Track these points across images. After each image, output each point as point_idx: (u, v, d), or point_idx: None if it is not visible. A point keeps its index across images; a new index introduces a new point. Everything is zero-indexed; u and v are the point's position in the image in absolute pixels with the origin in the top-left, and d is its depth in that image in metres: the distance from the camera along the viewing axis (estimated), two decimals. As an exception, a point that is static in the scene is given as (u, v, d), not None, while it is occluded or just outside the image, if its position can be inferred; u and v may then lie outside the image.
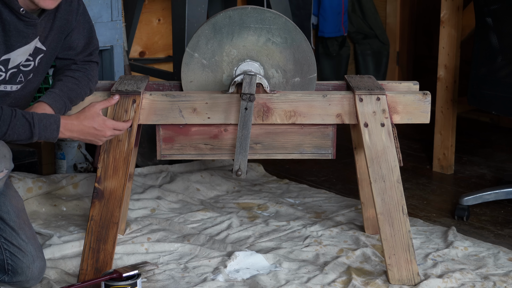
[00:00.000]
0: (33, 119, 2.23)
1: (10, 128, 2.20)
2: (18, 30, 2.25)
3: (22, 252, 2.44)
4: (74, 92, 2.46)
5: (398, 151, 2.55)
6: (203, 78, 2.67)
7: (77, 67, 2.53)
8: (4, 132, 2.20)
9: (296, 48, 2.64)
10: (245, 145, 2.52)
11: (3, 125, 2.19)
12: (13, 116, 2.20)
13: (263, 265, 2.70)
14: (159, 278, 2.61)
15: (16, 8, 2.22)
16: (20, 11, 2.23)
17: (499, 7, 3.09)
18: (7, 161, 2.27)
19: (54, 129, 2.28)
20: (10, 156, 2.29)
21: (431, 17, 5.04)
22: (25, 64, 2.35)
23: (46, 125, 2.26)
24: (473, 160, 4.02)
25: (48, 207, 3.19)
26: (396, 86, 2.77)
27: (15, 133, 2.22)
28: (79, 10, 2.48)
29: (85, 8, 2.51)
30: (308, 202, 3.36)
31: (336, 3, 4.80)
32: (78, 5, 2.47)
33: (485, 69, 3.21)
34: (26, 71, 2.38)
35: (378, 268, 2.69)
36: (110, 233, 2.53)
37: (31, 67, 2.38)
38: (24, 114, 2.23)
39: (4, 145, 2.27)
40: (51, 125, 2.27)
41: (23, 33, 2.27)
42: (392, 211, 2.54)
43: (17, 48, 2.29)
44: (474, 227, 3.13)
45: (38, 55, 2.39)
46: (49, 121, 2.27)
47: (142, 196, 3.31)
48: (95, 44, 2.57)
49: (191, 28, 3.53)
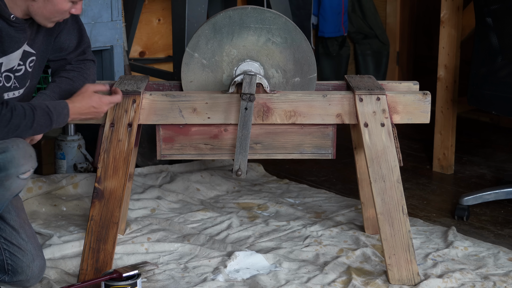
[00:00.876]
0: (49, 108, 2.30)
1: (35, 122, 2.27)
2: (10, 36, 2.28)
3: (22, 251, 2.44)
4: (67, 93, 2.46)
5: (398, 151, 2.55)
6: (203, 78, 2.67)
7: (72, 67, 2.53)
8: (30, 126, 2.27)
9: (296, 48, 2.64)
10: (245, 145, 2.52)
11: (29, 121, 2.25)
12: (34, 110, 2.26)
13: (263, 265, 2.70)
14: (159, 278, 2.61)
15: (7, 15, 2.26)
16: (11, 18, 2.26)
17: (499, 7, 3.09)
18: (33, 161, 2.31)
19: (66, 114, 2.36)
20: (35, 155, 2.33)
21: (431, 17, 5.04)
22: (17, 69, 2.37)
23: (59, 112, 2.33)
24: (473, 160, 4.02)
25: (48, 207, 3.19)
26: (396, 86, 2.77)
27: (39, 126, 2.29)
28: None
29: None
30: (308, 202, 3.36)
31: (336, 3, 4.80)
32: None
33: (485, 69, 3.20)
34: (20, 76, 2.39)
35: (378, 268, 2.69)
36: (110, 233, 2.53)
37: (23, 71, 2.39)
38: (41, 106, 2.29)
39: (28, 145, 2.31)
40: (63, 110, 2.35)
41: (14, 38, 2.30)
42: (392, 211, 2.54)
43: (9, 54, 2.31)
44: (474, 227, 3.13)
45: (28, 59, 2.39)
46: (60, 106, 2.34)
47: (142, 196, 3.31)
48: (86, 42, 2.57)
49: (191, 28, 3.53)
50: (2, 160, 2.22)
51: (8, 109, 2.21)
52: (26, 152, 2.27)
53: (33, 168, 2.31)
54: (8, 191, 2.27)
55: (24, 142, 2.29)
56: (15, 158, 2.23)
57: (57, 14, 2.31)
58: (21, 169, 2.25)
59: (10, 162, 2.22)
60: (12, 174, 2.24)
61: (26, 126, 2.26)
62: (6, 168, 2.23)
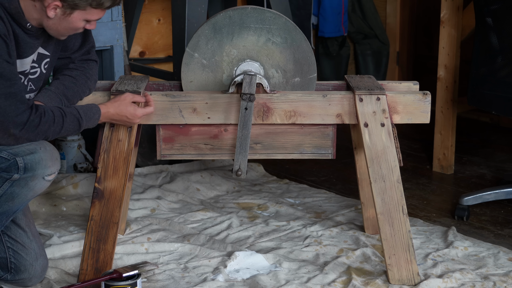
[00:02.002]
0: (79, 113, 2.36)
1: (64, 128, 2.33)
2: (26, 42, 2.34)
3: (26, 249, 2.46)
4: (70, 90, 2.47)
5: (398, 151, 2.55)
6: (203, 78, 2.67)
7: (75, 66, 2.54)
8: (59, 131, 2.32)
9: (296, 48, 2.64)
10: (245, 145, 2.52)
11: (57, 127, 2.31)
12: (64, 116, 2.32)
13: (263, 265, 2.70)
14: (159, 278, 2.61)
15: (24, 24, 2.30)
16: (27, 26, 2.31)
17: (499, 7, 3.09)
18: (58, 163, 2.37)
19: (96, 119, 2.42)
20: (59, 158, 2.40)
21: (431, 17, 5.04)
22: (32, 72, 2.40)
23: (90, 117, 2.40)
24: (473, 160, 4.02)
25: (48, 207, 3.19)
26: (396, 86, 2.77)
27: (67, 130, 2.35)
28: None
29: None
30: (308, 202, 3.36)
31: (336, 3, 4.80)
32: None
33: (485, 69, 3.21)
34: (35, 78, 2.43)
35: (378, 268, 2.69)
36: (110, 233, 2.53)
37: (39, 73, 2.43)
38: (71, 111, 2.35)
39: (53, 148, 2.37)
40: (94, 115, 2.41)
41: (29, 44, 2.35)
42: (392, 211, 2.54)
43: (24, 58, 2.36)
44: (474, 227, 3.13)
45: (43, 61, 2.43)
46: (92, 111, 2.41)
47: (142, 196, 3.31)
48: (91, 42, 2.60)
49: (191, 28, 3.53)
50: (30, 161, 2.27)
51: (37, 115, 2.26)
52: (53, 155, 2.34)
53: (58, 171, 2.37)
54: (31, 191, 2.32)
55: (51, 145, 2.35)
56: (43, 160, 2.29)
57: (71, 31, 2.36)
58: (48, 171, 2.31)
59: (38, 163, 2.28)
60: (38, 175, 2.29)
61: (54, 132, 2.32)
62: (33, 169, 2.28)
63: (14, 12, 2.27)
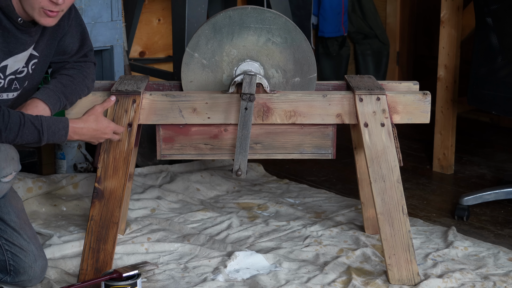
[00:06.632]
0: (42, 126, 2.26)
1: (18, 136, 2.23)
2: (16, 37, 2.30)
3: (24, 251, 2.45)
4: (68, 88, 2.46)
5: (398, 151, 2.55)
6: (203, 78, 2.67)
7: (71, 66, 2.54)
8: (13, 139, 2.23)
9: (296, 48, 2.64)
10: (245, 145, 2.52)
11: (10, 133, 2.22)
12: (21, 124, 2.22)
13: (263, 265, 2.70)
14: (159, 278, 2.61)
15: (15, 18, 2.27)
16: (18, 21, 2.28)
17: (499, 7, 3.09)
18: (15, 163, 2.31)
19: (63, 135, 2.33)
20: (17, 158, 2.32)
21: (431, 17, 5.04)
22: (20, 71, 2.37)
23: (55, 131, 2.30)
24: (473, 160, 4.02)
25: (48, 207, 3.19)
26: (396, 86, 2.77)
27: (23, 140, 2.25)
28: (71, 14, 2.49)
29: (77, 11, 2.52)
30: (308, 202, 3.36)
31: (336, 3, 4.80)
32: (70, 9, 2.47)
33: (485, 69, 3.21)
34: (21, 77, 2.40)
35: (378, 268, 2.69)
36: (110, 233, 2.53)
37: (25, 73, 2.40)
38: (33, 121, 2.25)
39: (11, 147, 2.30)
40: (60, 131, 2.31)
41: (21, 40, 2.31)
42: (392, 211, 2.54)
43: (14, 55, 2.32)
44: (474, 227, 3.13)
45: (31, 61, 2.40)
46: (58, 127, 2.31)
47: (142, 196, 3.31)
48: (89, 46, 2.59)
49: (191, 28, 3.53)
50: None
51: None
52: (7, 155, 2.27)
53: (15, 171, 2.30)
54: None
55: (6, 145, 2.28)
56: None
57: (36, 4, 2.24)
58: (2, 172, 2.26)
59: None
60: None
61: (6, 138, 2.22)
62: None
63: (3, 5, 2.23)
